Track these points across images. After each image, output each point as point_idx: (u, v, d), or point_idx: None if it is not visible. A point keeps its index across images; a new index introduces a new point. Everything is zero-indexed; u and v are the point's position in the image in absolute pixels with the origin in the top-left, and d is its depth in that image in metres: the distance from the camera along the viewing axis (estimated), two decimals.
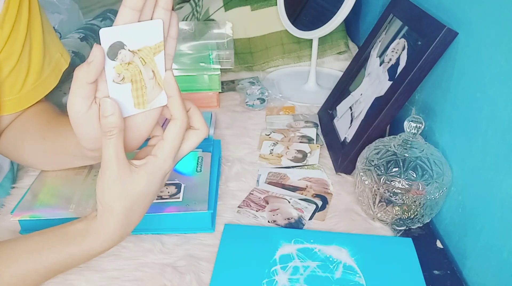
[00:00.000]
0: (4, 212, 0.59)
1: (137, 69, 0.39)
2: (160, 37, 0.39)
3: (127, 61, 0.38)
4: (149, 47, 0.39)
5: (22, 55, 0.55)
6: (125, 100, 0.40)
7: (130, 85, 0.40)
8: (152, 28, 0.38)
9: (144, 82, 0.40)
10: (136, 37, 0.38)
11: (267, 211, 0.59)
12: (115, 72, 0.38)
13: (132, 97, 0.40)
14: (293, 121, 0.80)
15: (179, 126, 0.42)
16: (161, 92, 0.42)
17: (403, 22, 0.65)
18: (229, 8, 1.02)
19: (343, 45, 1.01)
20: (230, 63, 0.86)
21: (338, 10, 0.81)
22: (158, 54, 0.40)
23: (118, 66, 0.38)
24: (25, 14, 0.54)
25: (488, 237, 0.46)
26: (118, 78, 0.39)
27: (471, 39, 0.51)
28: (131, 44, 0.38)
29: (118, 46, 0.37)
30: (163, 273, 0.49)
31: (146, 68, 0.39)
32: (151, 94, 0.41)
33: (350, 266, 0.49)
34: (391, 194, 0.52)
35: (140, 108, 0.41)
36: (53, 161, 0.59)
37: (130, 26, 0.37)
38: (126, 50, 0.38)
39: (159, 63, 0.40)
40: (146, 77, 0.40)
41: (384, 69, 0.65)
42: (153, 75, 0.40)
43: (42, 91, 0.59)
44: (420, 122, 0.53)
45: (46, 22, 0.60)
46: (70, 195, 0.56)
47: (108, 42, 0.37)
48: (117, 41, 0.37)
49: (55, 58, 0.61)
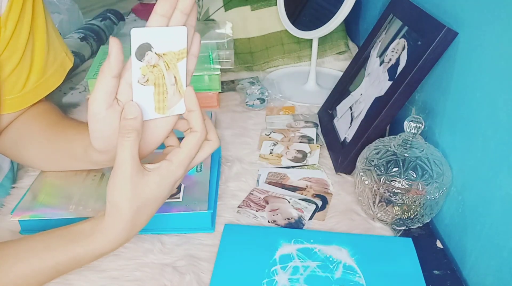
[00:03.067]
0: (4, 212, 0.59)
1: (161, 73, 0.41)
2: (184, 44, 0.40)
3: (152, 63, 0.40)
4: (173, 52, 0.40)
5: (25, 54, 0.55)
6: (146, 103, 0.41)
7: (153, 88, 0.41)
8: (177, 34, 0.40)
9: (166, 87, 0.41)
10: (162, 41, 0.39)
11: (267, 211, 0.59)
12: (141, 73, 0.40)
13: (153, 100, 0.41)
14: (293, 121, 0.80)
15: (198, 138, 0.43)
16: (181, 100, 0.43)
17: (403, 22, 0.65)
18: (229, 8, 1.02)
19: (343, 45, 1.01)
20: (230, 63, 0.86)
21: (338, 10, 0.81)
22: (181, 61, 0.41)
23: (144, 67, 0.39)
24: (29, 14, 0.54)
25: (488, 237, 0.46)
26: (143, 79, 0.40)
27: (471, 39, 0.51)
28: (158, 47, 0.39)
29: (146, 47, 0.39)
30: (163, 273, 0.49)
31: (169, 73, 0.41)
32: (171, 100, 0.42)
33: (350, 266, 0.49)
34: (391, 194, 0.52)
35: (160, 112, 0.42)
36: (55, 162, 0.59)
37: (158, 29, 0.39)
38: (153, 53, 0.39)
39: (181, 70, 0.41)
40: (169, 82, 0.41)
41: (384, 69, 0.65)
42: (175, 82, 0.41)
43: (45, 90, 0.59)
44: (420, 122, 0.53)
45: (51, 22, 0.60)
46: (70, 195, 0.56)
47: (137, 42, 0.38)
48: (146, 42, 0.39)
49: (60, 57, 0.61)
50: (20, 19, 0.53)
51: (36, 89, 0.58)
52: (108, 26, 1.25)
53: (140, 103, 0.41)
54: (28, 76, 0.56)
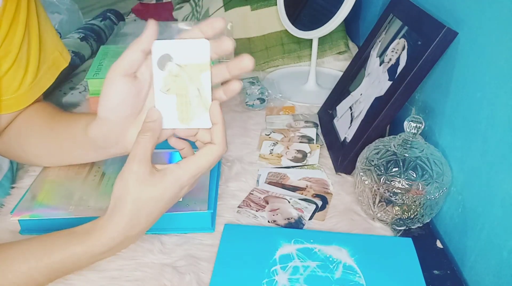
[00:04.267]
0: (4, 212, 0.59)
1: (183, 84, 0.42)
2: (207, 58, 0.41)
3: (174, 74, 0.41)
4: (195, 64, 0.41)
5: (20, 54, 0.55)
6: (169, 112, 0.43)
7: (175, 98, 0.42)
8: (198, 47, 0.41)
9: (189, 98, 0.42)
10: (183, 53, 0.41)
11: (267, 211, 0.59)
12: (163, 82, 0.41)
13: (176, 110, 0.43)
14: (293, 121, 0.80)
15: (214, 151, 0.43)
16: (205, 113, 0.43)
17: (403, 22, 0.65)
18: (229, 8, 1.02)
19: (343, 45, 1.01)
20: None
21: (338, 10, 0.81)
22: (204, 73, 0.41)
23: (166, 77, 0.41)
24: (24, 13, 0.54)
25: (488, 237, 0.46)
26: (165, 88, 0.42)
27: (471, 39, 0.51)
28: (178, 59, 0.41)
29: (166, 58, 0.41)
30: (163, 273, 0.49)
31: (192, 85, 0.42)
32: (195, 112, 0.43)
33: (350, 266, 0.49)
34: (391, 194, 0.52)
35: (183, 123, 0.43)
36: (58, 154, 0.58)
37: (179, 41, 0.41)
38: (173, 63, 0.41)
39: (205, 83, 0.42)
40: (191, 93, 0.42)
41: (384, 69, 0.65)
42: (198, 94, 0.42)
43: (39, 90, 0.59)
44: (420, 122, 0.53)
45: (45, 20, 0.60)
46: (70, 195, 0.56)
47: (158, 54, 0.41)
48: (166, 54, 0.40)
49: (53, 56, 0.61)
50: (15, 18, 0.53)
51: (31, 89, 0.58)
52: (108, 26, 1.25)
53: (163, 111, 0.43)
54: (24, 76, 0.56)
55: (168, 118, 0.43)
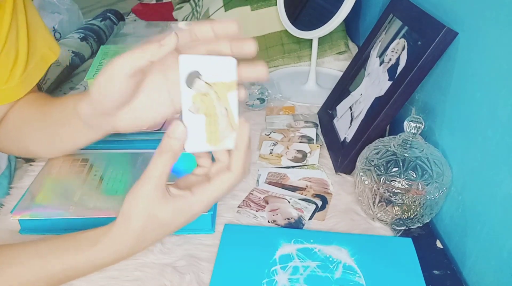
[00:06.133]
0: (3, 212, 0.59)
1: (211, 103, 0.39)
2: (234, 76, 0.40)
3: (202, 92, 0.39)
4: (223, 82, 0.39)
5: (8, 45, 0.54)
6: (197, 133, 0.40)
7: (204, 118, 0.40)
8: (226, 64, 0.39)
9: (217, 118, 0.40)
10: (211, 70, 0.39)
11: (267, 211, 0.59)
12: (192, 101, 0.39)
13: (205, 131, 0.40)
14: (293, 121, 0.80)
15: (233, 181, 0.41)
16: (233, 133, 0.41)
17: (403, 22, 0.65)
18: (229, 8, 1.02)
19: (343, 45, 1.01)
20: None
21: (338, 10, 0.81)
22: (232, 92, 0.40)
23: (195, 95, 0.39)
24: (9, 6, 0.53)
25: (488, 237, 0.46)
26: (193, 108, 0.39)
27: (471, 39, 0.51)
28: (207, 76, 0.39)
29: (195, 75, 0.38)
30: (163, 273, 0.49)
31: (220, 104, 0.40)
32: (223, 133, 0.41)
33: (350, 266, 0.49)
34: (391, 194, 0.52)
35: (211, 144, 0.41)
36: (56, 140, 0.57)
37: (207, 58, 0.38)
38: (202, 81, 0.39)
39: (232, 103, 0.40)
40: (220, 113, 0.40)
41: (384, 69, 0.65)
42: (226, 113, 0.40)
43: (29, 83, 0.59)
44: (420, 122, 0.53)
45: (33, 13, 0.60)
46: (70, 195, 0.56)
47: (186, 70, 0.38)
48: (194, 70, 0.38)
49: (42, 51, 0.61)
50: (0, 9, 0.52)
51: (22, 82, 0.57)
52: (108, 26, 1.25)
53: (191, 131, 0.40)
54: (13, 68, 0.56)
55: (195, 140, 0.40)
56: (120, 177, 0.60)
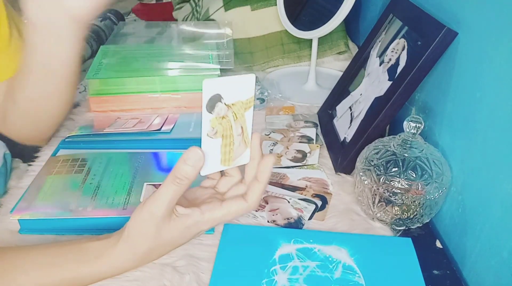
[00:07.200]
0: (3, 212, 0.58)
1: (229, 124, 0.39)
2: (252, 92, 0.40)
3: (222, 115, 0.38)
4: (241, 101, 0.39)
5: None
6: (213, 155, 0.40)
7: (221, 140, 0.40)
8: (246, 82, 0.39)
9: (233, 138, 0.40)
10: (232, 91, 0.38)
11: (267, 211, 0.59)
12: (210, 125, 0.38)
13: (220, 152, 0.40)
14: (292, 121, 0.80)
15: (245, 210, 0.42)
16: (246, 150, 0.42)
17: (403, 22, 0.65)
18: (229, 8, 1.02)
19: (343, 45, 1.01)
20: (230, 63, 0.86)
21: (338, 10, 0.81)
22: (248, 110, 0.40)
23: (213, 120, 0.38)
24: None
25: (488, 237, 0.46)
26: (212, 132, 0.39)
27: (471, 39, 0.51)
28: (227, 98, 0.38)
29: (217, 98, 0.38)
30: (163, 273, 0.49)
31: (236, 123, 0.40)
32: (237, 151, 0.41)
33: (350, 266, 0.49)
34: (391, 194, 0.52)
35: (225, 165, 0.41)
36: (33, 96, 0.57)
37: (229, 79, 0.38)
38: (223, 104, 0.38)
39: (248, 120, 0.41)
40: (235, 133, 0.40)
41: (384, 69, 0.65)
42: (241, 132, 0.41)
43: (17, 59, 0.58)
44: (420, 122, 0.53)
45: None
46: (69, 195, 0.56)
47: (209, 93, 0.37)
48: (217, 94, 0.38)
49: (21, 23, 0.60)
50: None
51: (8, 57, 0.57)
52: (108, 26, 1.25)
53: (208, 155, 0.39)
54: None
55: (210, 163, 0.40)
56: (119, 177, 0.60)
